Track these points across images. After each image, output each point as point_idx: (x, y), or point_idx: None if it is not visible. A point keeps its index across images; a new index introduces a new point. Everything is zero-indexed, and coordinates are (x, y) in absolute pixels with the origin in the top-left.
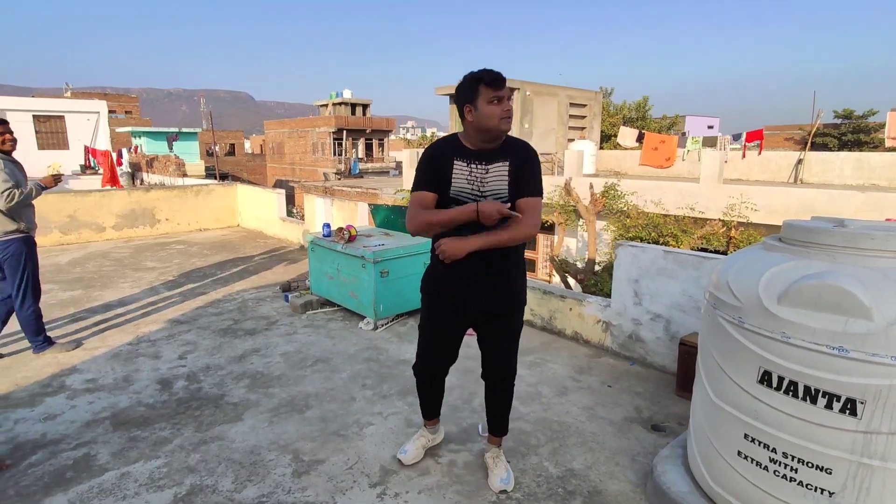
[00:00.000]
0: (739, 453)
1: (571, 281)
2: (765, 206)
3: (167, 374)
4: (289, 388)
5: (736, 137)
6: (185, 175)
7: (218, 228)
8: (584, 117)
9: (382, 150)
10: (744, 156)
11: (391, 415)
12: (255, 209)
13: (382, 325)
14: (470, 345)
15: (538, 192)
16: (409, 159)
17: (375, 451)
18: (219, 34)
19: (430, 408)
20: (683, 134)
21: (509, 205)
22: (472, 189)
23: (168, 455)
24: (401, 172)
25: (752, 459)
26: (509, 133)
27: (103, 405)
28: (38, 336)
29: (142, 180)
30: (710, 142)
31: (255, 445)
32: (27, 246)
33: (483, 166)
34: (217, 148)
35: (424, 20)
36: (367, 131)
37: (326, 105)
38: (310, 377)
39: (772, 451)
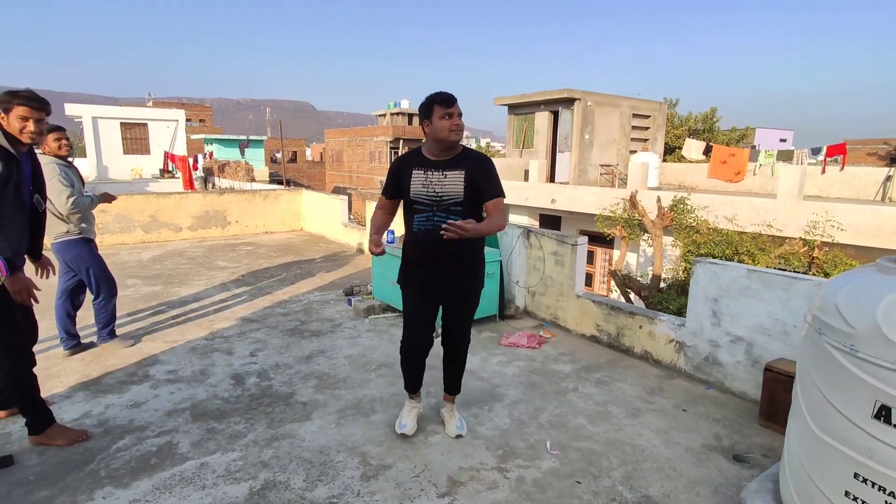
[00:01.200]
0: (847, 494)
1: (634, 297)
2: (852, 225)
3: (240, 370)
4: (354, 390)
5: (815, 151)
6: (253, 180)
7: (283, 231)
8: (647, 129)
9: None
10: (823, 171)
11: None
12: (319, 214)
13: None
14: (534, 358)
15: (501, 193)
16: None
17: (442, 461)
18: (286, 47)
19: (414, 382)
20: (753, 147)
21: (457, 212)
22: (427, 192)
23: (243, 449)
24: None
25: (864, 502)
26: (467, 146)
27: (183, 396)
28: (105, 329)
29: (213, 184)
30: (785, 156)
31: (324, 445)
32: (84, 248)
33: (441, 173)
34: (280, 155)
35: (481, 31)
36: (424, 141)
37: (384, 115)
38: (374, 381)
39: (889, 494)
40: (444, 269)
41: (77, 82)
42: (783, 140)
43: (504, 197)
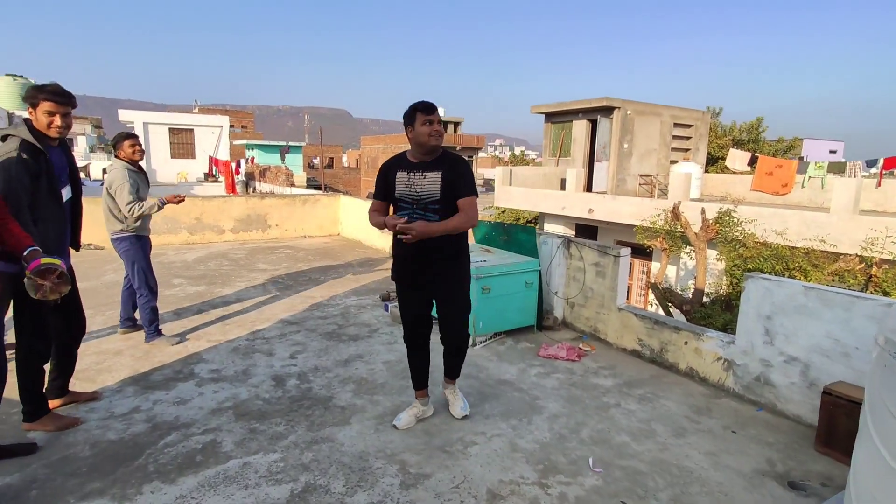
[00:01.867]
0: None
1: (675, 311)
2: None
3: (280, 372)
4: (392, 396)
5: (870, 164)
6: (292, 185)
7: (321, 236)
8: (688, 138)
9: (472, 167)
10: (879, 184)
11: (495, 436)
12: (356, 219)
13: (481, 343)
14: (574, 371)
15: (472, 192)
16: (501, 177)
17: (481, 473)
18: (325, 56)
19: (419, 376)
20: (801, 158)
21: (406, 219)
22: (410, 192)
23: (284, 450)
24: (491, 189)
25: None
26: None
27: (226, 395)
28: (151, 326)
29: (254, 188)
30: (836, 168)
31: (363, 451)
32: (134, 244)
33: (421, 174)
34: (318, 160)
35: (518, 40)
36: (458, 148)
37: None
38: (412, 388)
39: None
40: (425, 262)
41: (130, 90)
42: (833, 152)
43: (476, 196)
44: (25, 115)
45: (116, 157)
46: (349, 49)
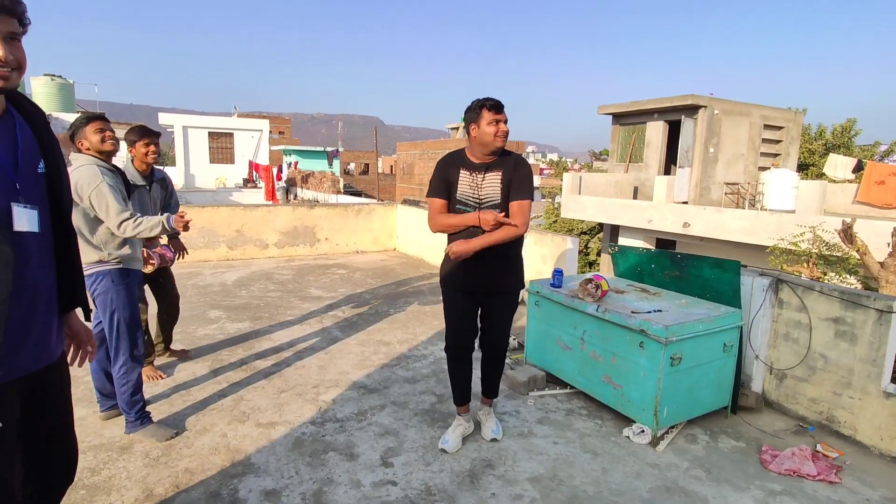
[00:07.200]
0: None
1: None
2: None
3: (374, 499)
4: None
5: None
6: (339, 192)
7: (375, 251)
8: (779, 142)
9: None
10: None
11: None
12: (417, 233)
13: (663, 438)
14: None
15: (526, 196)
16: (569, 184)
17: None
18: (357, 65)
19: (462, 390)
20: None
21: (503, 213)
22: (472, 194)
23: None
24: (543, 195)
25: None
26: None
27: None
28: (133, 410)
29: (295, 195)
30: None
31: None
32: (117, 283)
33: (482, 175)
34: (353, 166)
35: (548, 50)
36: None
37: (457, 128)
38: None
39: None
40: (480, 268)
41: (173, 98)
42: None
43: (530, 200)
44: (63, 115)
45: (79, 150)
46: (381, 57)
